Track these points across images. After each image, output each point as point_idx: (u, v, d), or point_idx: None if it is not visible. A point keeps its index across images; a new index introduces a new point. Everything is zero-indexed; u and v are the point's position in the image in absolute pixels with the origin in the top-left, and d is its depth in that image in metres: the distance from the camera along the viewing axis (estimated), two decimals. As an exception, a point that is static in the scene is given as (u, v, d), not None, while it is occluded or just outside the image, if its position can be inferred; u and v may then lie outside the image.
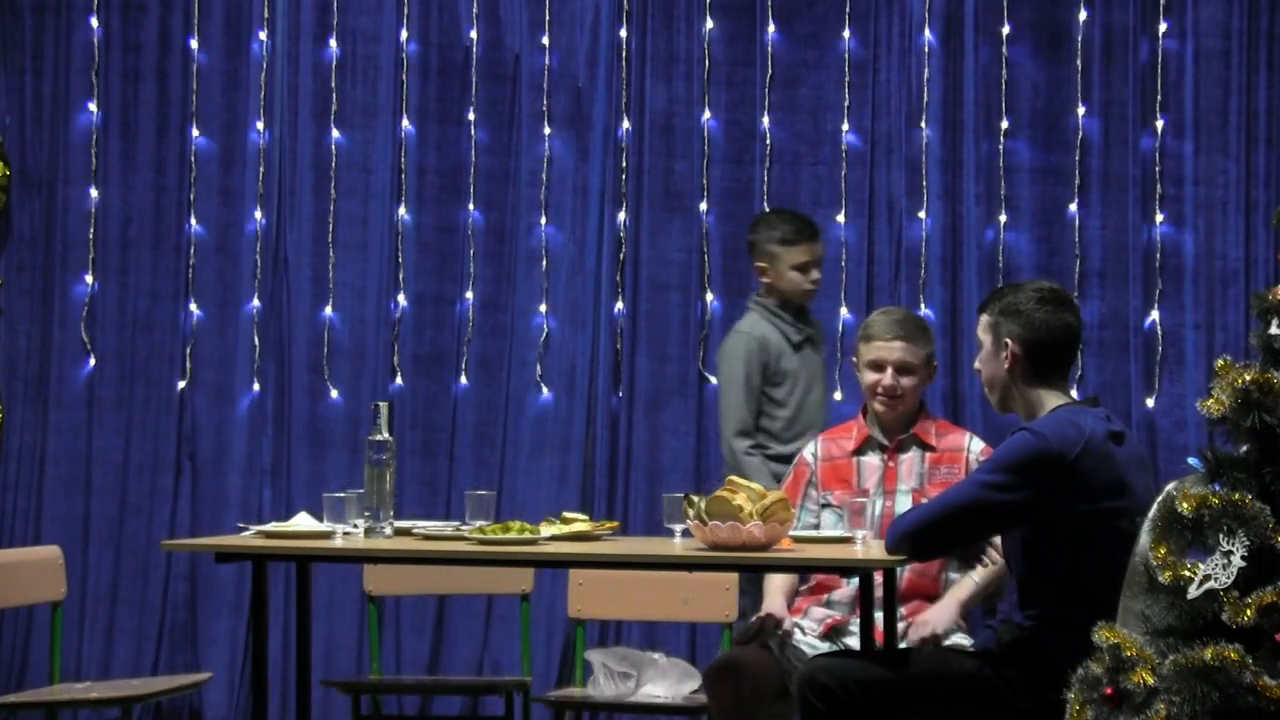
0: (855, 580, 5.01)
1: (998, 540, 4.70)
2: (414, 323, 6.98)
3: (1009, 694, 4.27)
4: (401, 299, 6.98)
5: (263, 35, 7.04)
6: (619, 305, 6.88)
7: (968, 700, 4.29)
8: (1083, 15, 6.68)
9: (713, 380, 6.82)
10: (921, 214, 6.74)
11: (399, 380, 6.96)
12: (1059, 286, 4.51)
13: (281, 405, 6.99)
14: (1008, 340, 4.40)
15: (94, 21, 7.09)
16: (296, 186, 7.02)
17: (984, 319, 4.47)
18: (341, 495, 4.84)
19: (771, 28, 6.84)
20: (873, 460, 5.23)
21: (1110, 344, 6.65)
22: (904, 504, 5.07)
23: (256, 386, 7.00)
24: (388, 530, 4.84)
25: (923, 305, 6.71)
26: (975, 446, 5.19)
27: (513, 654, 6.70)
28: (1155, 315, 6.64)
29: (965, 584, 5.06)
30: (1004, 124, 6.72)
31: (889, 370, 5.13)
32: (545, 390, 6.90)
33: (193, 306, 7.03)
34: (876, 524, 4.88)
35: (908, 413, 5.22)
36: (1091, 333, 6.56)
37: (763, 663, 5.03)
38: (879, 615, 4.63)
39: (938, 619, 4.98)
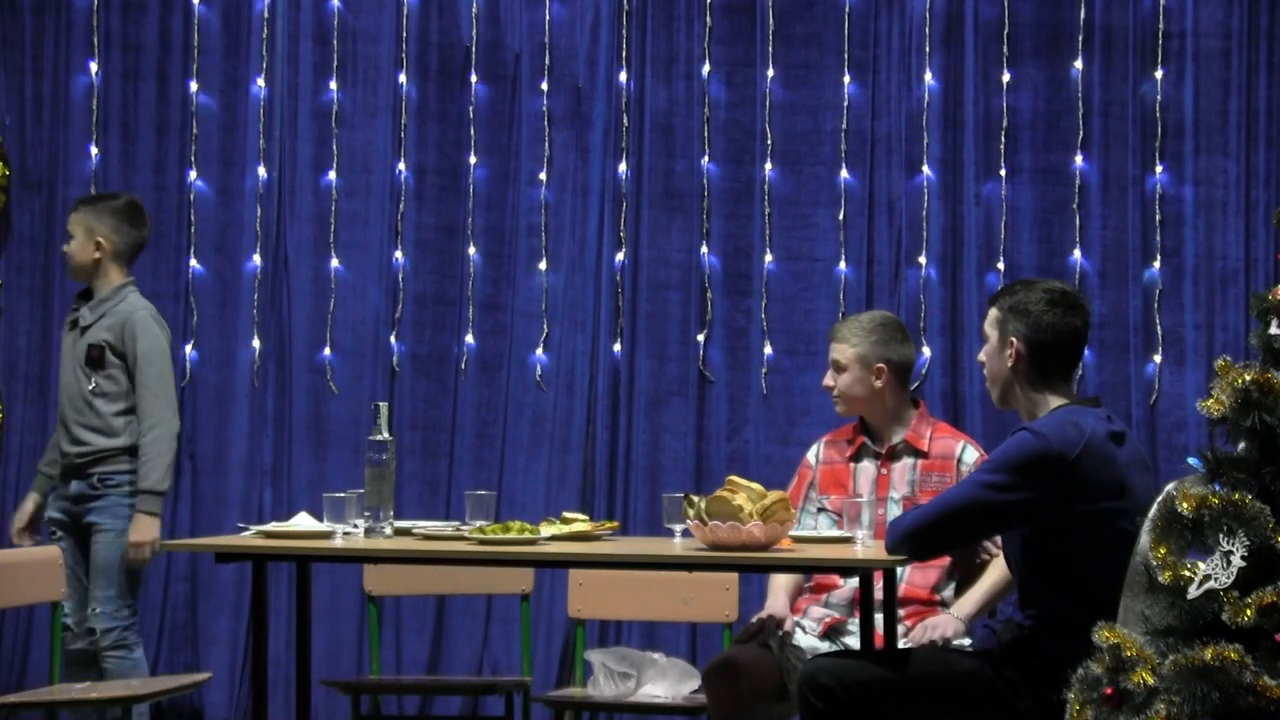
0: (853, 581, 5.02)
1: (996, 539, 4.71)
2: (414, 323, 6.98)
3: (1009, 694, 4.27)
4: (401, 298, 6.98)
5: (263, 35, 7.04)
6: (619, 305, 6.88)
7: (968, 700, 4.29)
8: (1083, 11, 6.68)
9: (712, 379, 6.82)
10: (921, 213, 6.74)
11: (399, 380, 6.96)
12: (1071, 288, 4.50)
13: (281, 405, 6.99)
14: (1013, 339, 4.40)
15: (94, 22, 7.09)
16: (297, 186, 7.03)
17: (992, 313, 4.46)
18: (341, 495, 4.84)
19: (772, 27, 6.84)
20: (868, 467, 5.25)
21: (1110, 344, 6.65)
22: (895, 512, 5.09)
23: (256, 387, 7.00)
24: (388, 530, 4.84)
25: (922, 305, 6.71)
26: (968, 456, 5.19)
27: (513, 654, 6.70)
28: (1155, 315, 6.64)
29: (972, 596, 5.07)
30: (1004, 124, 6.72)
31: (829, 370, 5.28)
32: (545, 390, 6.90)
33: (193, 306, 7.03)
34: (870, 531, 4.88)
35: (875, 414, 5.24)
36: (1091, 332, 6.53)
37: (761, 662, 5.04)
38: (879, 616, 4.63)
39: (947, 625, 4.99)
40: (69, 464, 6.00)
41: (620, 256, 6.88)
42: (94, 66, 7.09)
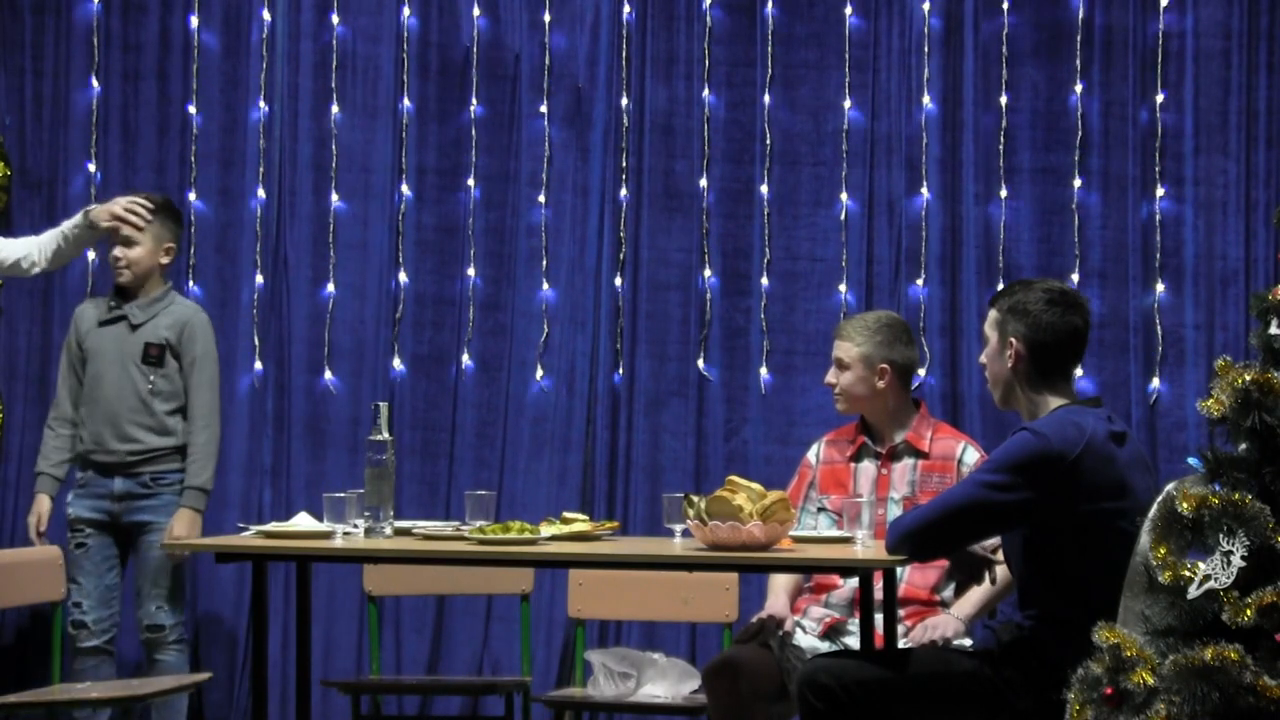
0: (853, 580, 5.02)
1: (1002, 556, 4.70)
2: (414, 323, 6.98)
3: (1009, 694, 4.27)
4: (401, 299, 6.98)
5: (263, 35, 7.04)
6: (619, 305, 6.88)
7: (968, 700, 4.29)
8: (1082, 13, 6.68)
9: (712, 379, 6.83)
10: (921, 213, 6.74)
11: (399, 380, 6.96)
12: (1070, 288, 4.50)
13: (281, 405, 6.99)
14: (1013, 340, 4.40)
15: (94, 21, 7.09)
16: (297, 186, 7.03)
17: (992, 315, 4.46)
18: (341, 495, 4.84)
19: (772, 28, 6.84)
20: (868, 467, 5.25)
21: (1110, 344, 6.65)
22: (895, 512, 5.10)
23: (256, 386, 7.00)
24: (388, 530, 4.84)
25: (922, 305, 6.71)
26: (969, 457, 5.20)
27: (513, 654, 6.70)
28: (1155, 315, 6.64)
29: (972, 596, 5.07)
30: (1004, 123, 6.72)
31: (832, 368, 5.27)
32: (545, 390, 6.90)
33: (193, 306, 7.03)
34: (870, 531, 4.88)
35: (876, 414, 5.25)
36: (1091, 332, 6.52)
37: (761, 662, 5.04)
38: (879, 616, 4.63)
39: (947, 625, 4.99)
40: (115, 461, 6.08)
41: (620, 257, 6.88)
42: (94, 67, 7.08)
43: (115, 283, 6.20)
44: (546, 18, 6.95)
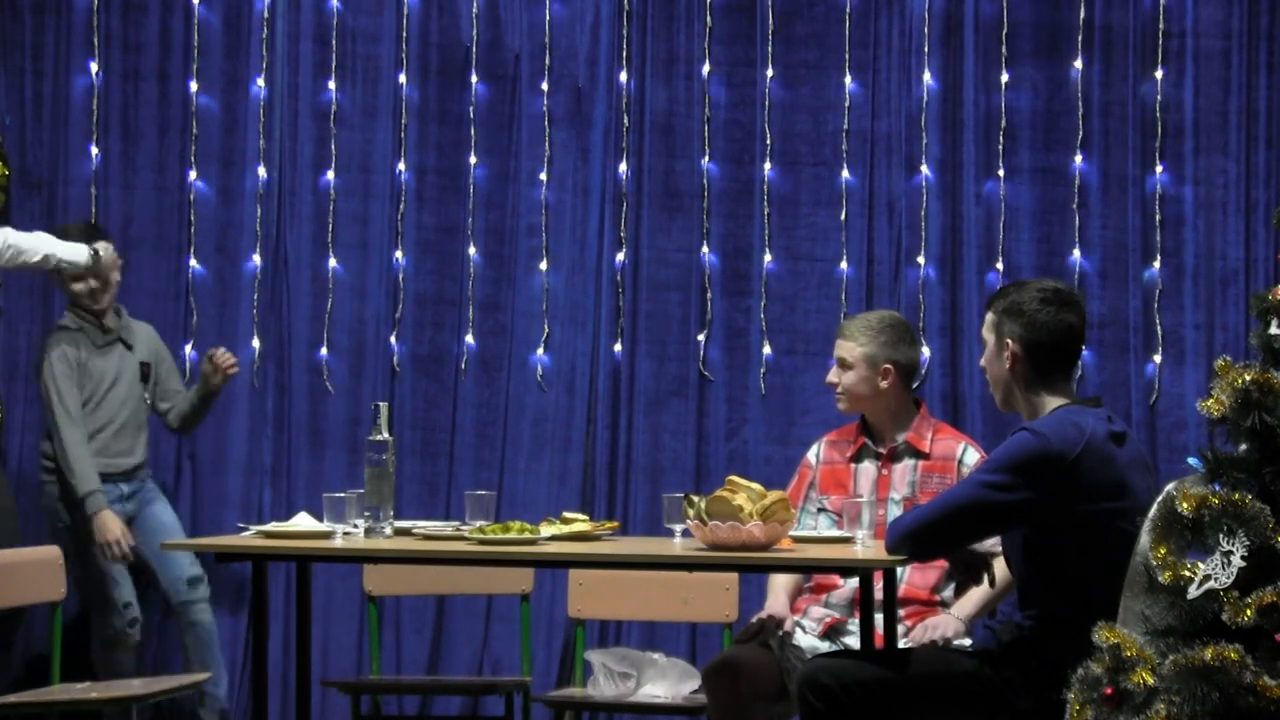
0: (853, 581, 5.02)
1: (1001, 559, 4.70)
2: (414, 323, 6.98)
3: (1009, 694, 4.27)
4: (401, 299, 6.98)
5: (263, 35, 7.04)
6: (619, 305, 6.88)
7: (968, 700, 4.29)
8: (1082, 12, 6.68)
9: (712, 379, 6.82)
10: (921, 214, 6.74)
11: (399, 380, 6.96)
12: (1064, 286, 4.49)
13: (281, 405, 6.99)
14: (1009, 340, 4.40)
15: (94, 22, 7.09)
16: (297, 186, 7.02)
17: (988, 317, 4.46)
18: (341, 495, 4.84)
19: (772, 28, 6.84)
20: (869, 468, 5.25)
21: (1110, 344, 6.65)
22: (895, 513, 5.09)
23: (256, 386, 7.00)
24: (388, 530, 4.84)
25: (922, 305, 6.71)
26: (969, 457, 5.20)
27: (513, 654, 6.70)
28: (1155, 314, 6.64)
29: (973, 596, 5.07)
30: (1004, 123, 6.72)
31: (834, 367, 5.25)
32: (545, 390, 6.90)
33: (193, 306, 7.03)
34: (870, 531, 4.88)
35: (877, 414, 5.24)
36: (1091, 333, 6.55)
37: (761, 662, 5.04)
38: (879, 616, 4.63)
39: (947, 625, 4.99)
40: (123, 470, 6.50)
41: (620, 256, 6.88)
42: (94, 66, 7.08)
43: (89, 309, 6.46)
44: (546, 17, 6.95)
